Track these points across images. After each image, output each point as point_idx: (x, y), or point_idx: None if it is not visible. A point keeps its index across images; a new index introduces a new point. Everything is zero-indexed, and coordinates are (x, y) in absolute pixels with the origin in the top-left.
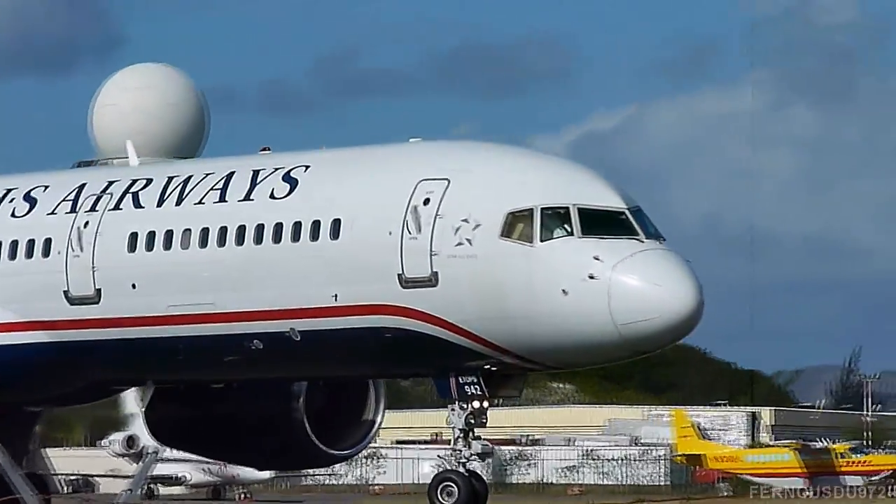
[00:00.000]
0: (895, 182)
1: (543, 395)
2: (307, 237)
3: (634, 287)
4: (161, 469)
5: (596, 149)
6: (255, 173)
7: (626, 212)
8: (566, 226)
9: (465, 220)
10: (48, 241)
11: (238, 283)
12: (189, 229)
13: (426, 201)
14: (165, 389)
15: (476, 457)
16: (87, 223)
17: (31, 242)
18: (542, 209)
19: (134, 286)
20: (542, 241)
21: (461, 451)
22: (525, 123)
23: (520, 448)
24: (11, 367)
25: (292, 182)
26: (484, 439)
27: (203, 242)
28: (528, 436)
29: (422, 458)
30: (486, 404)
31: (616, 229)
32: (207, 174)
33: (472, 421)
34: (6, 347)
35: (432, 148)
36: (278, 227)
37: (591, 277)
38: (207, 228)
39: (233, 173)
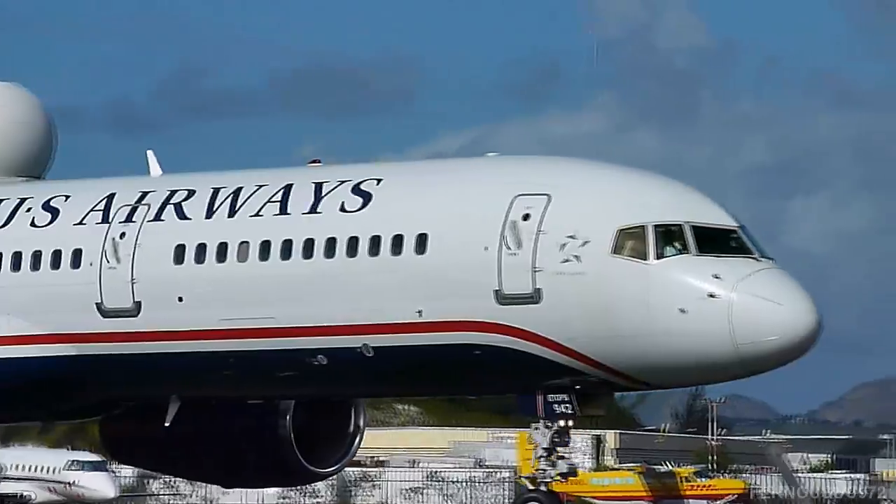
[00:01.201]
0: (737, 202)
1: (388, 416)
2: (387, 251)
3: (756, 307)
4: (4, 487)
5: None
6: (319, 186)
7: (738, 230)
8: (680, 244)
9: (572, 237)
10: (77, 252)
11: (305, 296)
12: (247, 241)
13: (526, 217)
14: (131, 407)
15: (560, 476)
16: (123, 234)
17: (58, 253)
18: (655, 226)
19: (181, 299)
20: (656, 258)
21: (546, 470)
22: (370, 144)
23: (364, 469)
24: (25, 379)
25: (364, 195)
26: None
27: (264, 255)
28: (372, 457)
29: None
30: (571, 423)
31: (730, 248)
32: (261, 185)
33: (557, 440)
34: (25, 360)
35: (522, 163)
36: (353, 241)
37: (711, 296)
38: (269, 241)
39: (290, 185)
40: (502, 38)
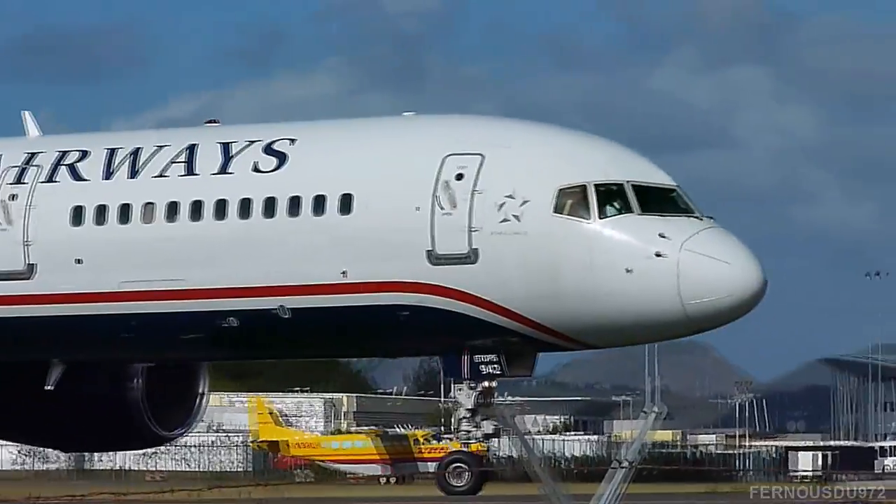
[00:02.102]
0: None
1: None
2: (308, 212)
3: (705, 265)
4: None
5: None
6: (226, 146)
7: (677, 189)
8: (622, 202)
9: (510, 196)
10: None
11: (217, 258)
12: (152, 202)
13: (459, 176)
14: None
15: (485, 437)
16: (14, 196)
17: None
18: (596, 185)
19: (79, 261)
20: (600, 217)
21: (470, 431)
22: (102, 109)
23: None
24: None
25: (279, 155)
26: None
27: (171, 217)
28: None
29: None
30: (495, 384)
31: (672, 207)
32: (161, 146)
33: (482, 400)
34: None
35: (447, 122)
36: (270, 202)
37: (658, 255)
38: (177, 202)
39: (195, 146)
40: (231, 3)
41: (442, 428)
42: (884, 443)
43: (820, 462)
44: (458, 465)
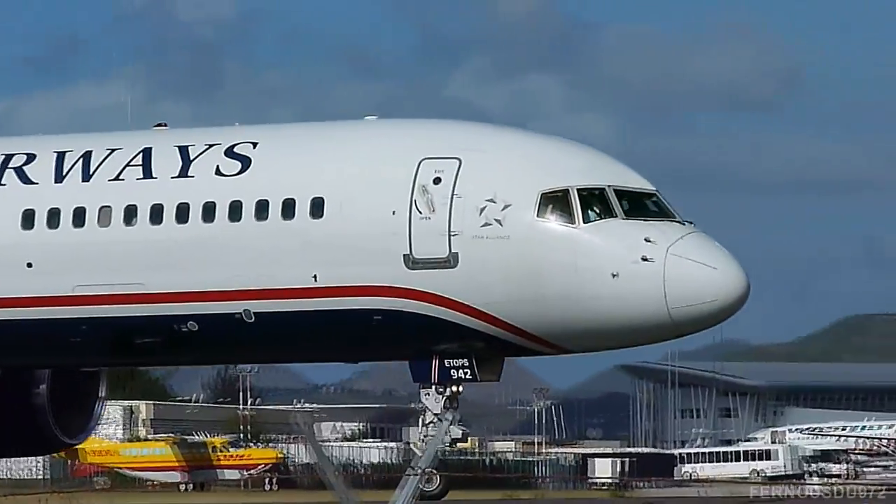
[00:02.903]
0: None
1: None
2: (277, 216)
3: (691, 270)
4: None
5: None
6: (184, 149)
7: (657, 194)
8: (604, 207)
9: (491, 200)
10: None
11: (178, 262)
12: (108, 206)
13: (437, 180)
14: None
15: (453, 441)
16: None
17: None
18: (579, 190)
19: (30, 265)
20: (584, 222)
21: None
22: None
23: None
24: None
25: (242, 159)
26: None
27: (129, 220)
28: None
29: None
30: (462, 388)
31: (653, 211)
32: (113, 149)
33: (449, 405)
34: None
35: (416, 126)
36: (235, 205)
37: (644, 260)
38: (134, 205)
39: (149, 149)
40: (20, 10)
41: (241, 435)
42: (682, 450)
43: (618, 469)
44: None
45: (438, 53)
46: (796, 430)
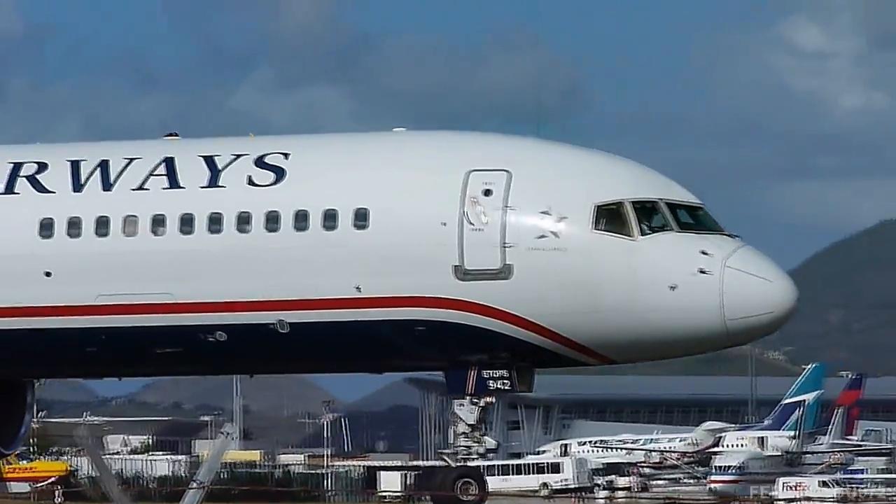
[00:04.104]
0: None
1: None
2: (318, 226)
3: (747, 283)
4: None
5: None
6: (210, 159)
7: (703, 207)
8: (659, 219)
9: (546, 213)
10: None
11: (209, 271)
12: (134, 215)
13: (487, 192)
14: None
15: (489, 452)
16: None
17: None
18: (633, 203)
19: (48, 274)
20: (641, 234)
21: (473, 446)
22: None
23: None
24: None
25: (275, 169)
26: None
27: (157, 230)
28: None
29: None
30: (492, 400)
31: (703, 224)
32: (132, 158)
33: (483, 416)
34: None
35: (458, 139)
36: (272, 215)
37: (702, 272)
38: (163, 215)
39: (171, 159)
40: None
41: (29, 448)
42: None
43: (406, 482)
44: (467, 479)
45: (222, 66)
46: (585, 442)
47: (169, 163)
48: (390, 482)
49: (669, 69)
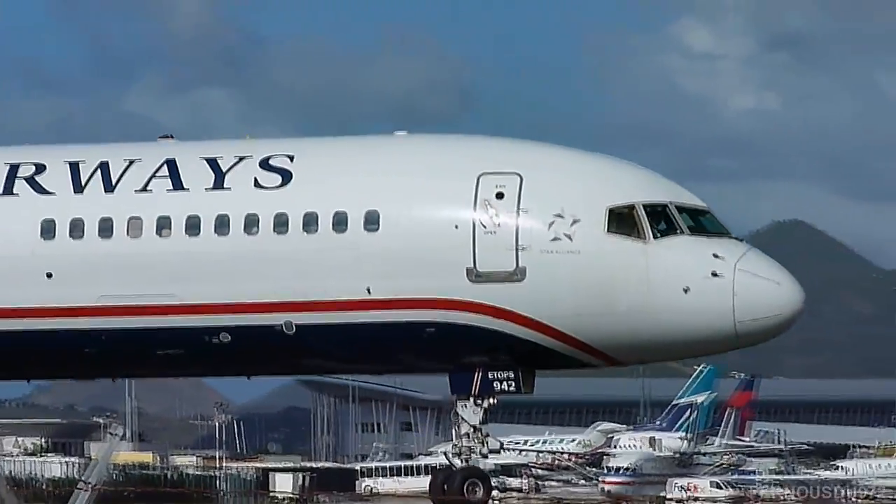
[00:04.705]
0: None
1: None
2: (328, 228)
3: (758, 285)
4: None
5: None
6: (212, 161)
7: (709, 211)
8: (670, 223)
9: (559, 216)
10: None
11: (216, 273)
12: (138, 217)
13: (499, 195)
14: None
15: (490, 453)
16: None
17: None
18: (644, 206)
19: (50, 275)
20: (654, 238)
21: (475, 447)
22: None
23: None
24: None
25: (282, 172)
26: None
27: (163, 231)
28: None
29: None
30: (495, 401)
31: (710, 228)
32: (131, 160)
33: (486, 417)
34: None
35: (463, 142)
36: (281, 218)
37: (715, 275)
38: (168, 217)
39: (173, 160)
40: None
41: None
42: (363, 464)
43: (299, 483)
44: (474, 480)
45: (114, 69)
46: None
47: (171, 165)
48: (283, 484)
49: (561, 71)
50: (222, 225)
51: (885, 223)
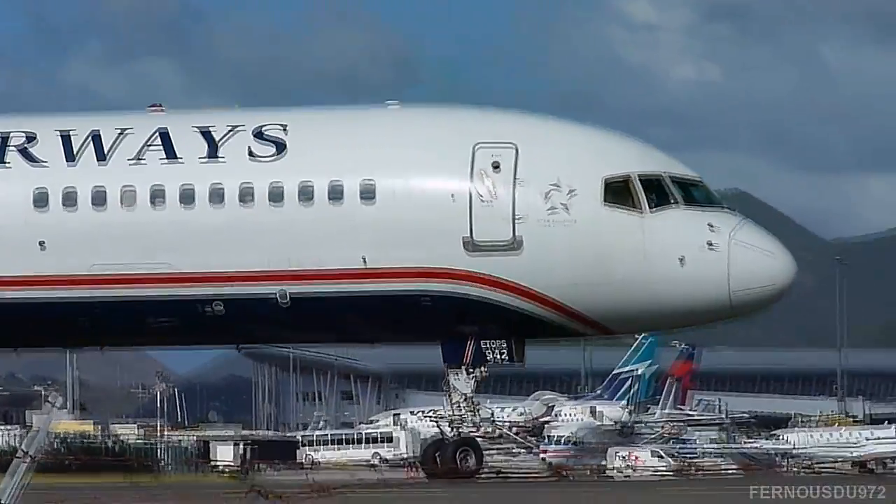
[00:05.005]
0: None
1: None
2: (324, 199)
3: (753, 256)
4: None
5: None
6: (205, 131)
7: (702, 181)
8: (665, 194)
9: (556, 186)
10: None
11: (211, 243)
12: (131, 187)
13: (496, 166)
14: None
15: (483, 422)
16: None
17: None
18: (640, 177)
19: (42, 245)
20: (650, 209)
21: (467, 416)
22: None
23: None
24: None
25: (276, 143)
26: None
27: (155, 202)
28: None
29: None
30: (486, 371)
31: (704, 199)
32: (123, 130)
33: (477, 387)
34: None
35: (457, 113)
36: (276, 189)
37: (710, 246)
38: (161, 187)
39: (165, 130)
40: None
41: None
42: (305, 433)
43: (241, 453)
44: (465, 448)
45: (50, 39)
46: (418, 413)
47: (163, 135)
48: (224, 453)
49: (501, 41)
50: (217, 195)
51: (826, 194)
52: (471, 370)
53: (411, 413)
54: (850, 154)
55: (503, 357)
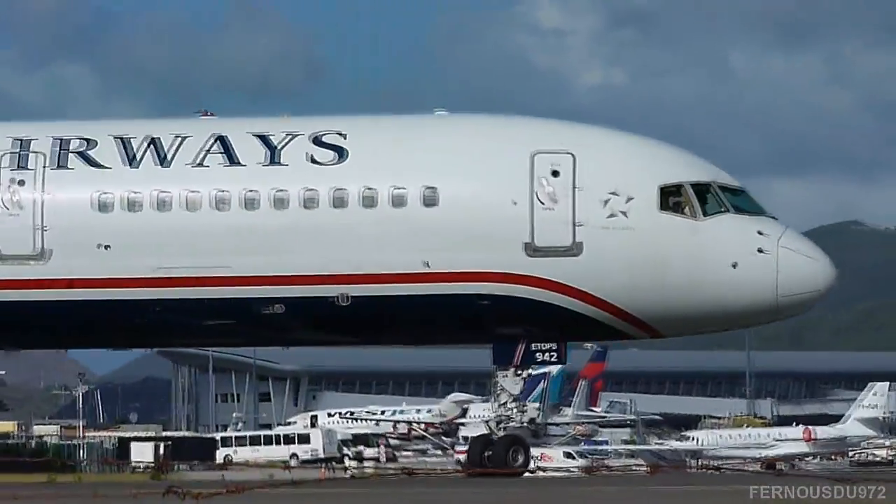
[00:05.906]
0: None
1: None
2: (386, 204)
3: (799, 261)
4: None
5: None
6: (263, 137)
7: (745, 190)
8: (716, 201)
9: (614, 193)
10: None
11: (273, 247)
12: (197, 192)
13: (555, 173)
14: None
15: (530, 422)
16: (22, 181)
17: None
18: (692, 185)
19: (107, 247)
20: (704, 216)
21: (517, 416)
22: None
23: None
24: None
25: (335, 149)
26: None
27: (219, 206)
28: None
29: None
30: (531, 371)
31: (749, 206)
32: (180, 135)
33: (524, 387)
34: None
35: (517, 122)
36: (339, 193)
37: (760, 251)
38: (226, 192)
39: (224, 136)
40: None
41: None
42: (222, 433)
43: (159, 452)
44: (517, 447)
45: None
46: (333, 414)
47: (222, 140)
48: (142, 453)
49: (411, 45)
50: (280, 200)
51: None
52: (519, 371)
53: (328, 415)
54: (757, 157)
55: (552, 358)
